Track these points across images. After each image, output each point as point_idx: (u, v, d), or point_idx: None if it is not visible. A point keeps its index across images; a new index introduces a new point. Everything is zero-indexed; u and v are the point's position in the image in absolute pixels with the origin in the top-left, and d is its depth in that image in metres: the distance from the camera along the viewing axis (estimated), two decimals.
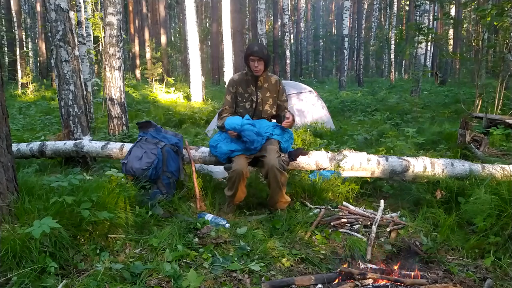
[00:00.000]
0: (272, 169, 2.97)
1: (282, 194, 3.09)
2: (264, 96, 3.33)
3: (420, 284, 2.03)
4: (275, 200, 3.12)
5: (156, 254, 2.36)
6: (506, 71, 7.46)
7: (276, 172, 2.98)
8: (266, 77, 3.33)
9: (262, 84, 3.32)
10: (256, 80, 3.30)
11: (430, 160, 3.43)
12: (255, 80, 3.30)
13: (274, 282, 2.11)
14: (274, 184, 3.02)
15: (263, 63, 3.19)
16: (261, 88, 3.33)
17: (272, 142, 3.12)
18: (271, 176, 3.00)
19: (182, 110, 9.44)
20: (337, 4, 33.25)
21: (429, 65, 21.47)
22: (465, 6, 9.38)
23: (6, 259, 2.01)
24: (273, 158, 2.99)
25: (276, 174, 2.98)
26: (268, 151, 3.03)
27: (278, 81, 3.37)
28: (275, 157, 3.01)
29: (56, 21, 4.37)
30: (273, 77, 3.39)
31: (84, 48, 8.92)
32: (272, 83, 3.35)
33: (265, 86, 3.33)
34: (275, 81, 3.37)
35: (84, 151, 4.06)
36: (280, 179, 3.00)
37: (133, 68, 23.61)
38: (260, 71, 3.21)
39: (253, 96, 3.32)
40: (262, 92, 3.33)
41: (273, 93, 3.35)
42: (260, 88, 3.32)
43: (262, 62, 3.18)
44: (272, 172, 2.98)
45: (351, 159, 3.42)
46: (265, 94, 3.33)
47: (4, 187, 2.40)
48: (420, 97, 11.42)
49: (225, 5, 11.46)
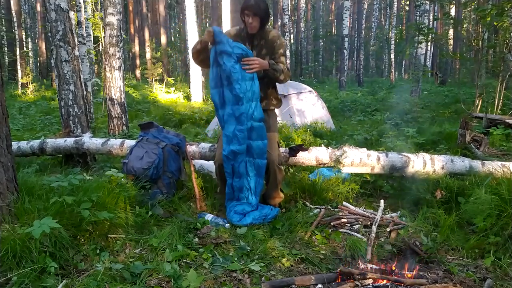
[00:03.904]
0: (272, 165, 2.98)
1: (277, 190, 3.12)
2: (259, 55, 2.95)
3: (420, 284, 2.03)
4: (271, 195, 3.13)
5: (156, 254, 2.36)
6: (506, 71, 7.46)
7: (275, 169, 3.00)
8: (264, 33, 2.96)
9: (258, 42, 2.97)
10: (251, 38, 2.96)
11: (430, 156, 3.44)
12: (251, 38, 2.96)
13: (274, 282, 2.11)
14: (272, 180, 3.05)
15: (258, 20, 2.83)
16: (257, 46, 2.97)
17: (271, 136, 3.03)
18: (271, 172, 3.02)
19: (182, 110, 9.44)
20: (337, 4, 33.23)
21: (429, 65, 21.44)
22: (465, 6, 9.38)
23: (6, 259, 2.01)
24: (274, 154, 2.99)
25: (275, 170, 3.00)
26: (270, 146, 3.00)
27: (276, 36, 2.97)
28: (276, 153, 3.01)
29: (56, 21, 4.37)
30: (272, 32, 3.00)
31: (84, 48, 8.92)
32: (268, 38, 2.96)
33: (261, 43, 2.97)
34: (273, 36, 2.97)
35: (84, 147, 4.07)
36: (277, 176, 3.03)
37: (133, 68, 23.61)
38: (255, 28, 2.86)
39: None
40: (257, 50, 2.96)
41: (269, 50, 2.97)
42: (256, 46, 2.97)
43: (258, 18, 2.82)
44: (272, 168, 3.00)
45: (351, 154, 3.42)
46: (260, 51, 2.97)
47: (4, 187, 2.40)
48: (420, 97, 11.42)
49: (225, 5, 11.45)
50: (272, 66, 2.88)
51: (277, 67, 2.91)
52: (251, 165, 2.95)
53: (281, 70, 2.94)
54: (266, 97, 3.09)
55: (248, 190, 2.99)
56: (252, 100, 2.82)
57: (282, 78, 2.96)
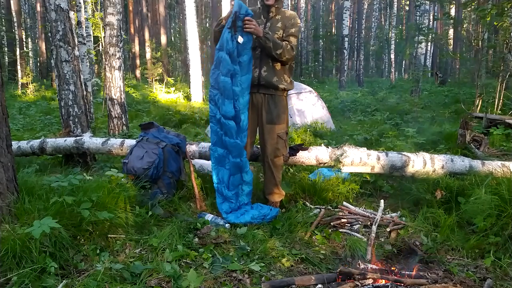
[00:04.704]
0: (266, 159, 3.07)
1: (276, 185, 3.13)
2: (274, 26, 2.99)
3: (420, 284, 2.03)
4: (268, 190, 3.15)
5: (156, 254, 2.36)
6: (506, 71, 7.47)
7: (269, 162, 3.06)
8: (281, 10, 3.04)
9: (274, 15, 3.02)
10: (268, 11, 3.01)
11: (430, 156, 3.44)
12: (267, 10, 3.00)
13: (274, 282, 2.11)
14: (267, 174, 3.11)
15: None
16: (271, 19, 3.02)
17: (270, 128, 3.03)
18: (265, 166, 3.10)
19: (182, 110, 9.45)
20: (337, 4, 33.25)
21: (429, 65, 21.46)
22: (465, 6, 9.38)
23: (6, 259, 2.01)
24: (269, 148, 3.03)
25: (269, 164, 3.06)
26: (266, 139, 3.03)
27: (293, 16, 3.03)
28: (272, 147, 3.04)
29: (56, 21, 4.37)
30: (290, 11, 3.08)
31: (84, 48, 8.92)
32: (285, 15, 3.03)
33: (277, 18, 3.01)
34: (290, 14, 3.04)
35: (84, 147, 4.07)
36: (273, 170, 3.08)
37: (133, 68, 23.61)
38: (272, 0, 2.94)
39: (262, 26, 2.98)
40: (272, 22, 3.00)
41: (283, 25, 2.99)
42: (270, 19, 3.02)
43: None
44: (266, 162, 3.08)
45: (351, 154, 3.42)
46: (275, 24, 3.00)
47: (4, 187, 2.40)
48: (420, 97, 11.43)
49: (225, 5, 11.45)
50: (265, 35, 2.84)
51: (271, 38, 2.86)
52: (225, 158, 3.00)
53: (277, 43, 2.87)
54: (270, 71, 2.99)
55: (221, 182, 3.03)
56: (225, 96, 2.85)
57: (279, 52, 2.87)
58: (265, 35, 2.84)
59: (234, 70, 2.82)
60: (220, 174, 3.03)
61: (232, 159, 2.96)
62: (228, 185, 3.03)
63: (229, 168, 3.00)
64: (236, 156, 2.95)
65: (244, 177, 3.05)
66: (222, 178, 3.02)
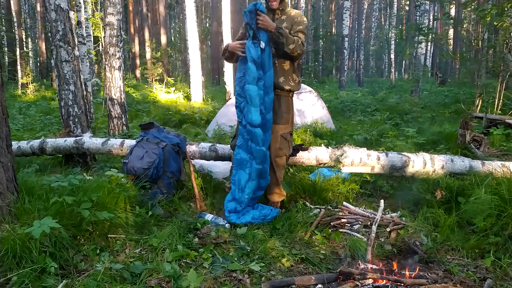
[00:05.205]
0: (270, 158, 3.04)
1: (277, 185, 3.12)
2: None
3: (420, 284, 2.03)
4: (270, 190, 3.14)
5: (156, 254, 2.36)
6: (506, 71, 7.47)
7: (272, 162, 3.04)
8: (285, 11, 3.08)
9: (279, 17, 3.06)
10: (273, 14, 3.05)
11: (430, 156, 3.44)
12: (272, 14, 3.05)
13: (274, 282, 2.11)
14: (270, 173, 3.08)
15: None
16: (276, 20, 3.04)
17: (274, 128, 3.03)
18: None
19: (182, 110, 9.45)
20: (337, 4, 33.23)
21: (429, 65, 21.47)
22: (465, 6, 9.39)
23: (6, 259, 2.01)
24: (273, 147, 3.02)
25: (272, 163, 3.04)
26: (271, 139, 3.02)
27: (298, 14, 3.07)
28: (275, 146, 3.03)
29: (56, 21, 4.37)
30: (295, 10, 3.12)
31: (84, 48, 8.92)
32: (291, 15, 3.06)
33: (282, 18, 3.05)
34: (296, 13, 3.07)
35: (84, 147, 4.07)
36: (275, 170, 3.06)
37: (133, 68, 23.60)
38: (276, 3, 2.99)
39: None
40: (278, 23, 2.99)
41: (290, 23, 3.03)
42: (276, 20, 3.04)
43: None
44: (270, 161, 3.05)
45: (351, 154, 3.42)
46: (281, 24, 3.01)
47: (4, 187, 2.40)
48: (420, 97, 11.43)
49: (225, 5, 11.45)
50: (278, 30, 2.85)
51: (284, 32, 2.87)
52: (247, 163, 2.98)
53: (290, 38, 2.88)
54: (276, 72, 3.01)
55: (236, 184, 3.01)
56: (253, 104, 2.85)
57: (291, 47, 2.88)
58: (278, 30, 2.85)
59: (259, 75, 2.85)
60: (238, 176, 3.01)
61: (255, 165, 2.94)
62: (244, 189, 3.00)
63: (249, 172, 2.98)
64: (260, 163, 2.94)
65: (262, 183, 3.04)
66: (238, 180, 3.00)
